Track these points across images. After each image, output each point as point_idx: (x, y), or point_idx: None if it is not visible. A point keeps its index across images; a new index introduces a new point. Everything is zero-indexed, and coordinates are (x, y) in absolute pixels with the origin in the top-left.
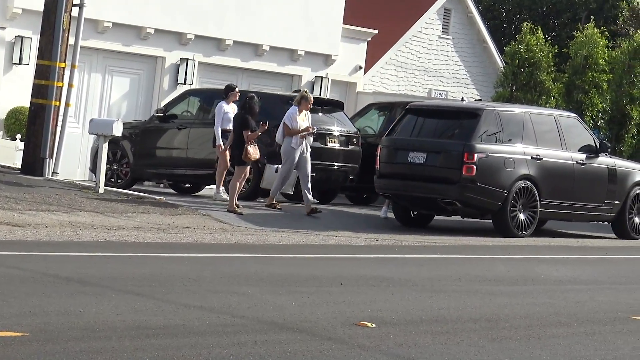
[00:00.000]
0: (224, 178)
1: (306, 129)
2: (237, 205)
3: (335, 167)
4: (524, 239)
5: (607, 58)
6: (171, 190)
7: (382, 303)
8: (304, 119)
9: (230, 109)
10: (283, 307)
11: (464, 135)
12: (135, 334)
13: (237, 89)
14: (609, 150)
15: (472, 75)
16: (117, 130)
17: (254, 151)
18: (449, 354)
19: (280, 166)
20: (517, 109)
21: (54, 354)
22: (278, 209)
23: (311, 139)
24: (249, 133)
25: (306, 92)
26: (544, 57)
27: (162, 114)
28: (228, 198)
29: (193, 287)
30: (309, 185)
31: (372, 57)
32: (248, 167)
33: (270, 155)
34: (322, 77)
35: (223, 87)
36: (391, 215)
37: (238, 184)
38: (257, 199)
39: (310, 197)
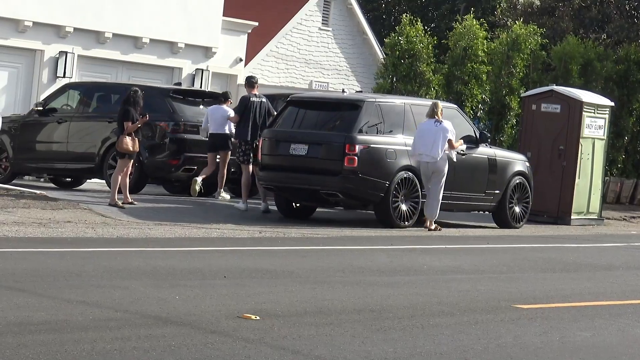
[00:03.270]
0: (225, 179)
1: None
2: (129, 199)
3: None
4: (406, 229)
5: (486, 49)
6: (52, 185)
7: (265, 295)
8: None
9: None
10: (167, 301)
11: (345, 126)
12: (18, 330)
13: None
14: (489, 140)
15: (352, 66)
16: None
17: (130, 143)
18: (333, 345)
19: None
20: (397, 100)
21: None
22: (439, 230)
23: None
24: (130, 124)
25: (438, 103)
26: (423, 49)
27: (41, 108)
28: (228, 197)
29: (75, 282)
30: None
31: (253, 49)
32: (131, 161)
33: (151, 149)
34: (202, 70)
35: (103, 80)
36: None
37: (120, 177)
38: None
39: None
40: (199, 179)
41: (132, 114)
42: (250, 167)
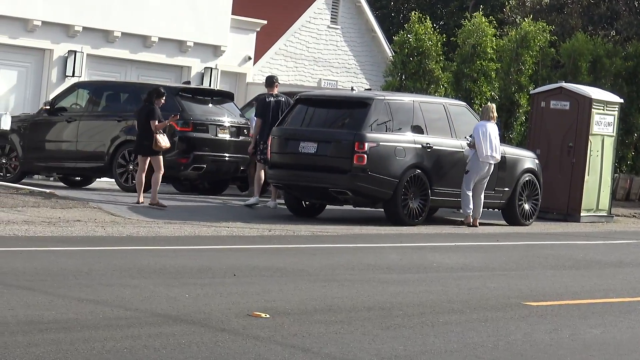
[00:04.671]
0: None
1: None
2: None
3: (227, 158)
4: (415, 227)
5: (494, 47)
6: (61, 184)
7: (275, 293)
8: None
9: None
10: (177, 299)
11: (354, 124)
12: (28, 329)
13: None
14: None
15: (361, 64)
16: (6, 124)
17: (163, 140)
18: (343, 342)
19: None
20: (406, 98)
21: None
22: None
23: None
24: (157, 123)
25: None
26: (432, 46)
27: (48, 107)
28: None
29: (85, 281)
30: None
31: (262, 48)
32: (161, 157)
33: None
34: (211, 68)
35: (112, 79)
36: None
37: (160, 176)
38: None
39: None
40: None
41: (157, 112)
42: (261, 165)
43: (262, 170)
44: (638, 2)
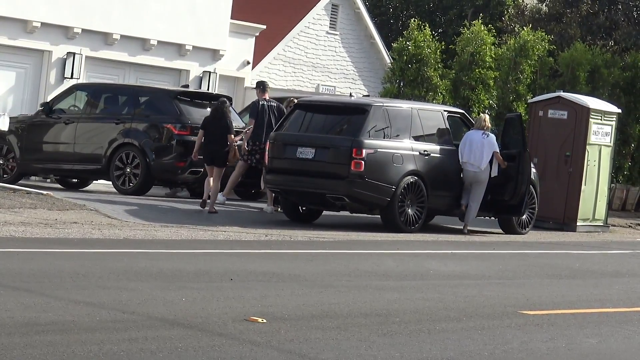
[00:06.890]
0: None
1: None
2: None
3: None
4: (412, 234)
5: (493, 55)
6: (58, 185)
7: (272, 298)
8: None
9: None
10: (173, 303)
11: (352, 130)
12: (25, 330)
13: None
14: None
15: (359, 70)
16: (4, 125)
17: (238, 152)
18: (339, 348)
19: None
20: (404, 105)
21: None
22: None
23: None
24: (232, 137)
25: (486, 116)
26: (431, 54)
27: (48, 108)
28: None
29: (82, 283)
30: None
31: (260, 52)
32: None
33: (157, 151)
34: (210, 72)
35: (111, 81)
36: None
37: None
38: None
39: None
40: None
41: (232, 126)
42: (244, 166)
43: (242, 172)
44: (637, 13)
